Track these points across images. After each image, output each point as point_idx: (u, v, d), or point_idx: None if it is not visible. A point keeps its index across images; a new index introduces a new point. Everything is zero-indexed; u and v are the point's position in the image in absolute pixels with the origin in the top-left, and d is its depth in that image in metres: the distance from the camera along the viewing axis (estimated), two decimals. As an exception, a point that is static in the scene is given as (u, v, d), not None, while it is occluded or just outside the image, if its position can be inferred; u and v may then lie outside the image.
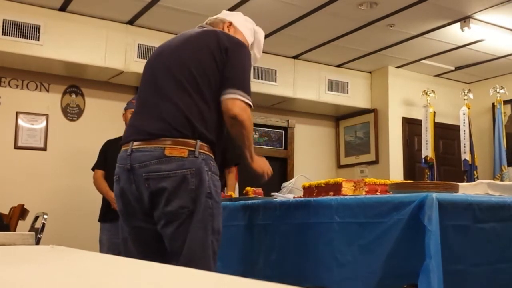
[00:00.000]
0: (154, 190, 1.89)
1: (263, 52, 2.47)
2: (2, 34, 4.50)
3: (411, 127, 6.43)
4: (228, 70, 1.99)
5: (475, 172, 5.98)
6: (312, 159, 6.70)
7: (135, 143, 1.95)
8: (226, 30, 2.21)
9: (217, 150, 2.01)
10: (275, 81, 5.91)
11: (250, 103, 2.00)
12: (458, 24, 5.00)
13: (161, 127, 1.93)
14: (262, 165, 2.21)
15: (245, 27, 2.30)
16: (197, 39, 2.07)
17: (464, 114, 6.11)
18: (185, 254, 1.88)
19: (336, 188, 2.17)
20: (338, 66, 6.37)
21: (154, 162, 1.89)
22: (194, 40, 2.08)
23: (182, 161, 1.88)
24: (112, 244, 4.04)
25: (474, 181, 5.56)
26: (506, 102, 6.26)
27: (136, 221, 2.00)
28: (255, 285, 0.60)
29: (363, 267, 1.82)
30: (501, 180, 5.68)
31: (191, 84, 1.96)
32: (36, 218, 3.68)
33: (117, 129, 4.45)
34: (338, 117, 6.88)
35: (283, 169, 6.48)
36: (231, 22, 2.26)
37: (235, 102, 1.96)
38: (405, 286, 1.74)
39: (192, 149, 1.90)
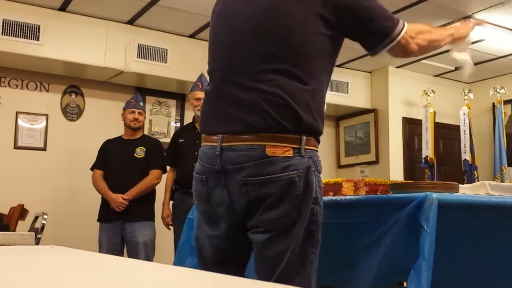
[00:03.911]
0: (253, 198, 1.55)
1: None
2: (2, 34, 4.50)
3: (411, 127, 6.43)
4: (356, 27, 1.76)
5: (475, 172, 5.98)
6: (312, 159, 6.67)
7: (225, 139, 1.57)
8: None
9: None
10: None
11: (400, 31, 1.68)
12: (458, 24, 5.00)
13: (257, 118, 1.53)
14: (466, 28, 1.96)
15: None
16: None
17: (464, 114, 6.11)
18: (284, 269, 1.54)
19: (336, 188, 2.17)
20: (338, 66, 6.36)
21: (253, 165, 1.53)
22: None
23: (287, 162, 1.53)
24: (111, 244, 4.03)
25: (475, 181, 5.57)
26: (506, 102, 6.26)
27: (220, 229, 1.67)
28: (255, 285, 0.60)
29: (363, 267, 1.82)
30: (502, 180, 5.68)
31: (286, 56, 1.57)
32: (36, 218, 3.69)
33: (117, 129, 4.45)
34: (338, 117, 6.88)
35: (283, 169, 6.46)
36: None
37: (393, 52, 1.72)
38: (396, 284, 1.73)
39: (297, 146, 1.55)
